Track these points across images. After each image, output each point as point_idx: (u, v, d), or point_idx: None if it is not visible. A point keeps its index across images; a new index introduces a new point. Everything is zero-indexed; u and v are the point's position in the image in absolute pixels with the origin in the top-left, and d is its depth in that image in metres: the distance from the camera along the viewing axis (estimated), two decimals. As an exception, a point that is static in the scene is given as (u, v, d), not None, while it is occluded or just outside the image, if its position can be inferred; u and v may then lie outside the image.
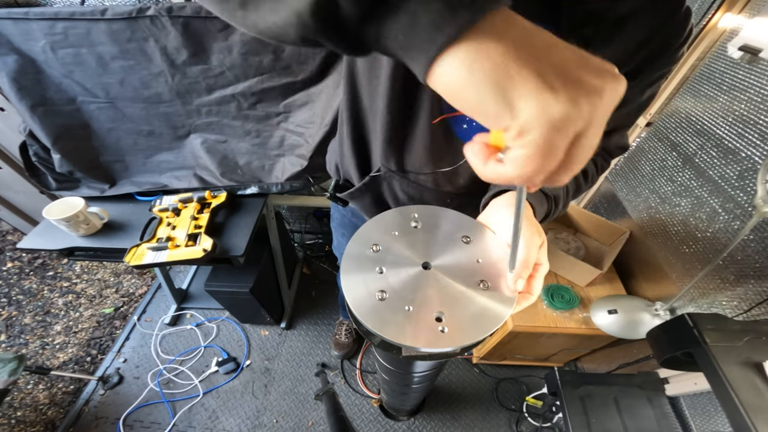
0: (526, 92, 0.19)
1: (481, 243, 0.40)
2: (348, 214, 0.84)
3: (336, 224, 0.93)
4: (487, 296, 0.35)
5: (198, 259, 0.99)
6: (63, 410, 1.46)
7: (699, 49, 0.92)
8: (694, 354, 0.67)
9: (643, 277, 1.15)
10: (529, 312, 1.11)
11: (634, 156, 1.18)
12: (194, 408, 1.47)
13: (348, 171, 0.67)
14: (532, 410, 1.43)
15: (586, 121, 0.20)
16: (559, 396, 0.98)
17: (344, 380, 1.56)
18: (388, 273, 0.37)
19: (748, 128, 0.80)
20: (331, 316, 1.76)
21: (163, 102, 1.09)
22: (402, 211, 0.43)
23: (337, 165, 0.70)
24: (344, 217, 0.86)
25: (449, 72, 0.20)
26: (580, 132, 0.20)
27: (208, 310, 1.76)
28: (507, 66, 0.19)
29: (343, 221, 0.88)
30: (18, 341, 1.64)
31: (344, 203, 0.74)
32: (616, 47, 0.43)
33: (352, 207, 0.78)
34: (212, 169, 1.19)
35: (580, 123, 0.19)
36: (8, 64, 0.98)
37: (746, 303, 0.80)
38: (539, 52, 0.19)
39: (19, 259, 1.93)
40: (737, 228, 0.82)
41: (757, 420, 0.55)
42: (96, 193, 1.21)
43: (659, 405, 0.97)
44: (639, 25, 0.41)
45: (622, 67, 0.44)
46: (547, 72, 0.19)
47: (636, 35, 0.42)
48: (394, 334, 0.32)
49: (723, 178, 0.86)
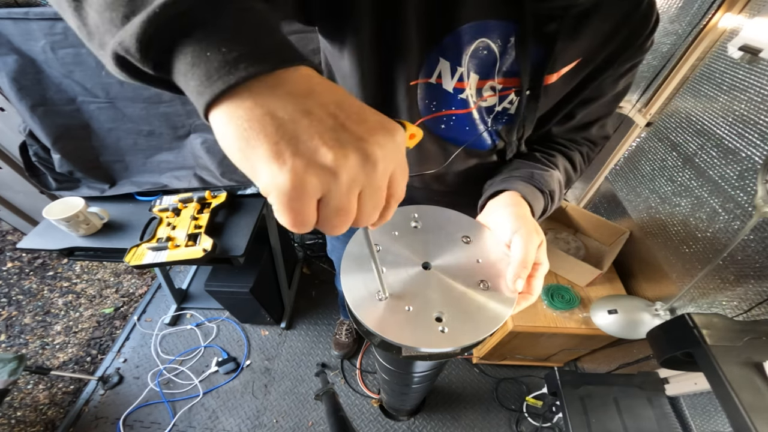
0: (258, 160, 0.20)
1: (481, 243, 0.40)
2: None
3: None
4: (487, 296, 0.35)
5: (198, 259, 0.99)
6: (63, 410, 1.46)
7: (699, 49, 0.92)
8: (694, 354, 0.67)
9: (643, 277, 1.15)
10: (529, 312, 1.11)
11: (634, 156, 1.18)
12: (194, 408, 1.47)
13: None
14: (532, 410, 1.43)
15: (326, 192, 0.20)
16: (559, 396, 0.98)
17: (344, 380, 1.56)
18: (388, 273, 0.37)
19: (748, 128, 0.80)
20: (331, 316, 1.76)
21: (163, 102, 1.08)
22: (402, 211, 0.43)
23: None
24: None
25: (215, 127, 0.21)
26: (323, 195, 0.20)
27: (208, 310, 1.76)
28: (248, 133, 0.20)
29: None
30: (18, 341, 1.64)
31: None
32: (583, 41, 0.43)
33: None
34: (212, 169, 1.19)
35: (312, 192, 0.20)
36: (8, 64, 0.98)
37: (746, 303, 0.80)
38: (288, 121, 0.20)
39: (19, 259, 1.93)
40: (737, 228, 0.82)
41: (757, 420, 0.55)
42: (96, 193, 1.21)
43: (659, 405, 0.97)
44: (604, 18, 0.42)
45: (591, 59, 0.45)
46: (283, 142, 0.19)
47: (602, 28, 0.43)
48: (394, 334, 0.32)
49: (723, 178, 0.86)
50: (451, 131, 0.52)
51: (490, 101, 0.48)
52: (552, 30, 0.41)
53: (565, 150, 0.56)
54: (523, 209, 0.42)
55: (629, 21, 0.43)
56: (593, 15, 0.41)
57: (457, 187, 0.60)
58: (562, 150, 0.55)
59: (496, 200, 0.45)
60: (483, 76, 0.46)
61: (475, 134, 0.52)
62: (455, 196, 0.61)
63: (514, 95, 0.48)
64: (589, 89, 0.49)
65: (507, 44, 0.43)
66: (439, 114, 0.50)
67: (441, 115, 0.50)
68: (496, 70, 0.45)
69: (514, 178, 0.47)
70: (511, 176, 0.48)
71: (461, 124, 0.51)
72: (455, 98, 0.47)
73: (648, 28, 0.44)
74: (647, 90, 1.09)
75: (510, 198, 0.44)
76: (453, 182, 0.59)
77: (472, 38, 0.42)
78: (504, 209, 0.42)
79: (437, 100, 0.48)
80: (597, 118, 0.54)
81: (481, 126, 0.51)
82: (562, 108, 0.51)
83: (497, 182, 0.49)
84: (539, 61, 0.43)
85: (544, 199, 0.47)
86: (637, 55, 0.47)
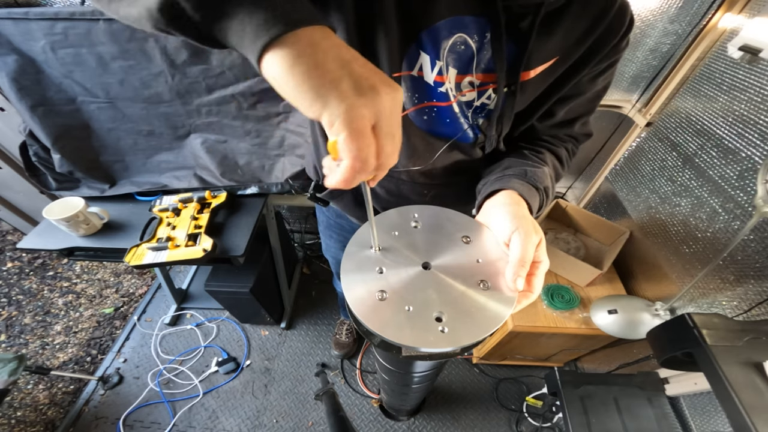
0: (330, 90, 0.25)
1: (480, 243, 0.40)
2: (332, 216, 0.85)
3: (323, 227, 0.94)
4: (487, 296, 0.35)
5: (198, 259, 0.99)
6: (63, 410, 1.46)
7: (699, 49, 0.92)
8: (694, 354, 0.67)
9: (643, 277, 1.15)
10: (529, 312, 1.11)
11: (634, 156, 1.18)
12: (194, 408, 1.47)
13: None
14: (532, 410, 1.43)
15: (375, 113, 0.26)
16: (559, 396, 0.98)
17: (344, 380, 1.56)
18: (388, 273, 0.37)
19: (748, 128, 0.80)
20: (331, 316, 1.76)
21: (163, 102, 1.09)
22: (402, 211, 0.43)
23: (315, 166, 0.71)
24: (329, 219, 0.87)
25: (272, 69, 0.26)
26: (376, 122, 0.27)
27: (208, 310, 1.76)
28: (317, 69, 0.25)
29: (328, 223, 0.89)
30: (18, 341, 1.64)
31: (325, 203, 0.75)
32: (558, 39, 0.44)
33: (334, 208, 0.79)
34: (212, 169, 1.19)
35: (368, 113, 0.26)
36: (8, 64, 0.98)
37: (746, 303, 0.80)
38: (341, 61, 0.26)
39: (19, 259, 1.93)
40: (737, 228, 0.82)
41: (757, 420, 0.55)
42: (96, 193, 1.21)
43: (659, 405, 0.97)
44: (578, 15, 0.43)
45: (567, 58, 0.46)
46: (344, 77, 0.26)
47: (576, 27, 0.43)
48: (394, 334, 0.32)
49: (723, 178, 0.86)
50: (433, 124, 0.52)
51: (468, 96, 0.49)
52: (525, 27, 0.42)
53: (551, 146, 0.56)
54: (520, 208, 0.42)
55: (603, 20, 0.43)
56: (566, 13, 0.42)
57: (441, 179, 0.61)
58: (548, 147, 0.56)
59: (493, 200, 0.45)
60: (461, 71, 0.47)
61: (457, 128, 0.52)
62: (441, 188, 0.62)
63: (492, 91, 0.48)
64: (567, 87, 0.49)
65: (483, 40, 0.44)
66: (422, 105, 0.50)
67: (423, 107, 0.50)
68: (474, 65, 0.46)
69: (508, 177, 0.48)
70: (505, 175, 0.49)
71: (443, 117, 0.51)
72: (436, 91, 0.48)
73: (623, 27, 0.45)
74: (647, 90, 1.09)
75: (507, 197, 0.44)
76: (438, 175, 0.60)
77: (449, 33, 0.43)
78: (501, 208, 0.42)
79: (419, 93, 0.49)
80: (578, 115, 0.56)
81: (462, 120, 0.52)
82: (542, 105, 0.52)
83: (492, 182, 0.49)
84: (515, 58, 0.44)
85: (540, 196, 0.47)
86: (613, 54, 0.47)
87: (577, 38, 0.44)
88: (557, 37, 0.44)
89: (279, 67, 0.26)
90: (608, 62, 0.48)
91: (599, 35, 0.44)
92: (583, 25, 0.43)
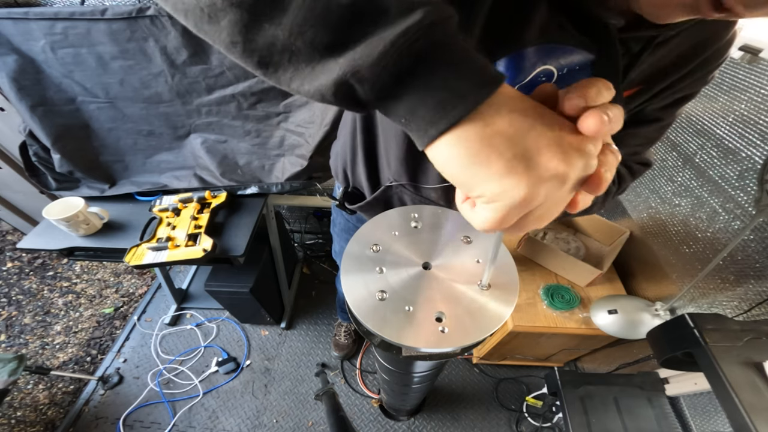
0: (491, 175, 0.22)
1: (481, 243, 0.40)
2: (353, 219, 0.83)
3: (339, 230, 0.91)
4: (487, 296, 0.35)
5: (198, 259, 0.99)
6: (63, 410, 1.46)
7: (699, 49, 0.92)
8: (694, 354, 0.67)
9: (643, 277, 1.15)
10: (529, 312, 1.11)
11: (634, 156, 1.17)
12: (194, 408, 1.47)
13: (359, 180, 0.66)
14: (532, 410, 1.43)
15: (542, 203, 0.23)
16: (559, 396, 0.98)
17: (344, 380, 1.56)
18: (388, 273, 0.37)
19: (748, 128, 0.80)
20: (331, 316, 1.76)
21: (163, 102, 1.08)
22: (402, 211, 0.43)
23: (345, 171, 0.68)
24: (348, 221, 0.84)
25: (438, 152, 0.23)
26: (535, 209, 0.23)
27: (208, 310, 1.76)
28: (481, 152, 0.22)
29: (347, 226, 0.86)
30: (18, 341, 1.64)
31: (351, 211, 0.73)
32: (646, 68, 0.41)
33: (358, 214, 0.77)
34: (212, 169, 1.19)
35: (535, 204, 0.22)
36: (8, 64, 0.98)
37: (746, 303, 0.80)
38: (515, 138, 0.22)
39: (19, 259, 1.93)
40: (737, 228, 0.82)
41: (757, 420, 0.55)
42: (96, 193, 1.21)
43: (659, 405, 0.97)
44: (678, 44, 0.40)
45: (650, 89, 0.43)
46: (515, 158, 0.21)
47: (672, 54, 0.40)
48: (394, 334, 0.32)
49: (723, 178, 0.86)
50: None
51: None
52: (634, 49, 0.38)
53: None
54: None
55: (705, 50, 0.40)
56: (669, 42, 0.39)
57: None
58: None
59: None
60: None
61: None
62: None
63: None
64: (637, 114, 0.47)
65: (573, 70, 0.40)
66: None
67: None
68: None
69: None
70: None
71: None
72: None
73: (719, 60, 0.41)
74: (647, 90, 1.09)
75: None
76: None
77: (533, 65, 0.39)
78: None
79: None
80: (641, 144, 0.53)
81: None
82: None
83: None
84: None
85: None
86: (695, 86, 0.45)
87: (669, 66, 0.41)
88: (646, 66, 0.41)
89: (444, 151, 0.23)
90: (692, 90, 0.46)
91: (696, 65, 0.41)
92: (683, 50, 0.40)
